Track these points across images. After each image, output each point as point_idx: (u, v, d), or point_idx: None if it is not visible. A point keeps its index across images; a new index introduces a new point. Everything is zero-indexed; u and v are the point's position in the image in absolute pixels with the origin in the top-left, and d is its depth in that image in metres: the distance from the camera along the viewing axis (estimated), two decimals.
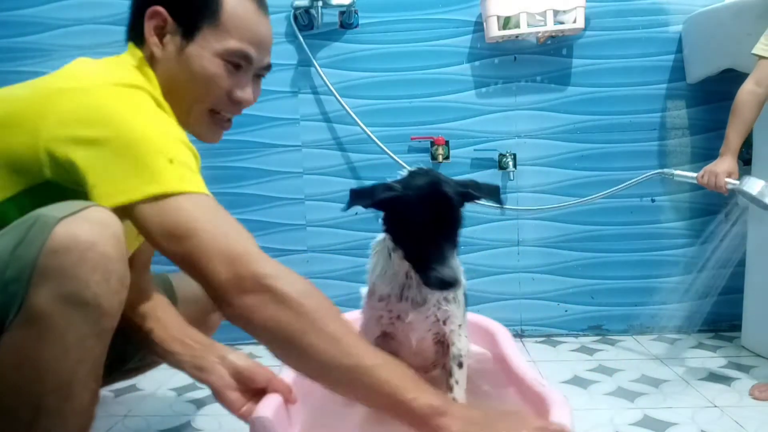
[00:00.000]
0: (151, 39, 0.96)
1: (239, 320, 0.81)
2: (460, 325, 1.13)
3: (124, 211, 0.81)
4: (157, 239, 0.81)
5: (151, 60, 0.98)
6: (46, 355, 0.74)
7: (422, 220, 0.98)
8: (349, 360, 0.79)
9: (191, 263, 0.80)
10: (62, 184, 0.84)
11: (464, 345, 1.13)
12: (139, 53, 0.98)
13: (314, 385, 1.23)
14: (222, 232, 0.82)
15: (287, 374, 1.15)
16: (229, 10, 0.96)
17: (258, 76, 1.06)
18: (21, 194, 0.86)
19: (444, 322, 1.12)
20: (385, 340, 1.16)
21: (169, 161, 0.82)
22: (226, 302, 0.80)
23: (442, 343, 1.14)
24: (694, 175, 1.57)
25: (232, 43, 0.97)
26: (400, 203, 1.00)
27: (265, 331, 0.80)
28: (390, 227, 1.06)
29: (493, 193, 1.08)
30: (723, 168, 1.49)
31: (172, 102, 0.98)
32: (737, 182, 1.47)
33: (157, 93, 0.96)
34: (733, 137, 1.49)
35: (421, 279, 1.01)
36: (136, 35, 0.99)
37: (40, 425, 0.76)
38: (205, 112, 1.01)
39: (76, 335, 0.75)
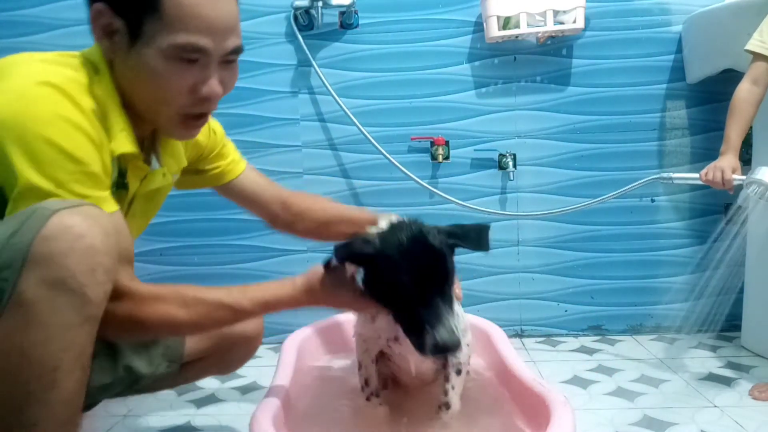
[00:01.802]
0: (102, 41, 0.90)
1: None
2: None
3: None
4: None
5: (111, 62, 0.93)
6: (32, 341, 0.76)
7: (408, 277, 0.88)
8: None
9: None
10: None
11: (465, 353, 1.11)
12: (100, 57, 0.93)
13: (313, 384, 1.24)
14: None
15: (285, 374, 1.15)
16: (171, 2, 0.85)
17: (228, 62, 0.94)
18: None
19: None
20: (383, 362, 1.14)
21: (56, 186, 0.83)
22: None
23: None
24: (696, 175, 1.55)
25: (180, 37, 0.86)
26: (381, 260, 0.91)
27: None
28: (370, 287, 0.95)
29: (480, 237, 0.98)
30: (728, 164, 1.48)
31: (137, 104, 0.94)
32: (743, 178, 1.45)
33: (105, 97, 0.91)
34: (734, 135, 1.49)
35: (413, 345, 0.90)
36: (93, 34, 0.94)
37: (26, 414, 0.77)
38: (173, 115, 0.94)
39: (61, 322, 0.77)
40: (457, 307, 1.10)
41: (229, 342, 1.26)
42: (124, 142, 0.93)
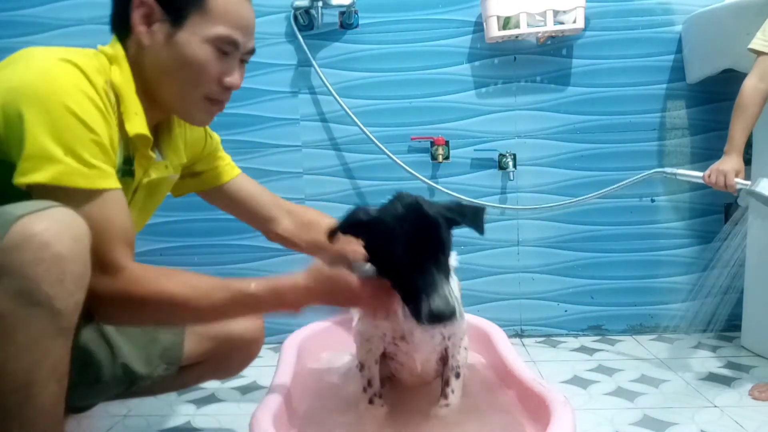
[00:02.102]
0: (140, 28, 0.97)
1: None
2: (461, 338, 1.12)
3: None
4: None
5: (139, 50, 0.99)
6: (1, 355, 0.74)
7: (403, 245, 0.90)
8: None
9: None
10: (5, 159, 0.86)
11: (463, 357, 1.12)
12: (120, 48, 0.99)
13: (313, 384, 1.24)
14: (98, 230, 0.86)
15: (285, 374, 1.15)
16: (215, 0, 0.97)
17: (242, 61, 1.05)
18: None
19: (449, 338, 1.09)
20: (384, 361, 1.14)
21: (65, 152, 0.84)
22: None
23: (444, 359, 1.12)
24: (700, 174, 1.55)
25: (221, 30, 0.97)
26: (378, 228, 0.93)
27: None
28: (372, 256, 0.97)
29: (476, 217, 0.98)
30: (731, 166, 1.47)
31: (164, 89, 1.00)
32: (747, 183, 1.45)
33: (123, 82, 0.96)
34: (738, 135, 1.48)
35: (411, 313, 0.91)
36: (120, 26, 1.00)
37: (3, 429, 0.76)
38: (199, 97, 1.02)
39: (31, 335, 0.75)
40: (461, 321, 1.09)
41: (229, 346, 1.25)
42: (140, 124, 0.97)
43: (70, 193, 0.84)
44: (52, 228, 0.75)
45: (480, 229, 0.98)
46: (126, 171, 1.01)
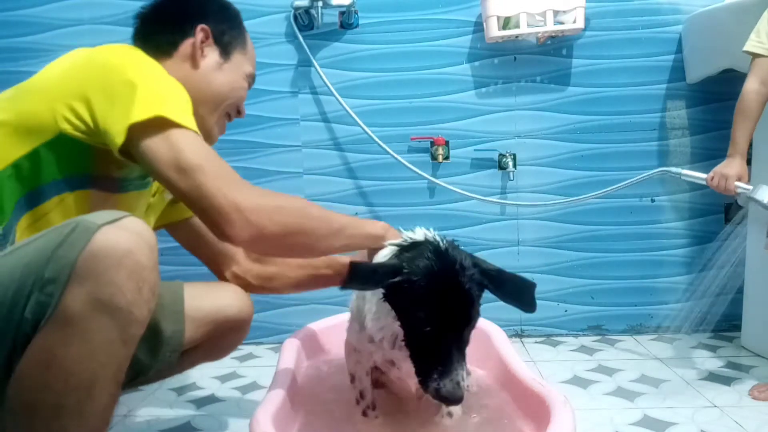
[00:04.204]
0: (197, 51, 1.12)
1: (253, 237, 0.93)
2: None
3: (133, 145, 0.89)
4: (164, 168, 0.89)
5: (186, 70, 1.11)
6: (72, 355, 0.77)
7: (428, 316, 0.82)
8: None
9: (198, 195, 0.90)
10: (73, 136, 0.92)
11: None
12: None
13: (313, 384, 1.24)
14: (221, 169, 0.93)
15: (285, 374, 1.15)
16: (249, 44, 1.20)
17: None
18: (37, 150, 0.93)
19: None
20: (377, 373, 1.13)
21: (167, 97, 0.92)
22: (231, 229, 0.91)
23: None
24: (704, 176, 1.55)
25: (251, 69, 1.21)
26: (406, 289, 0.84)
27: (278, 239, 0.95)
28: (394, 308, 0.89)
29: (521, 294, 0.92)
30: (734, 171, 1.48)
31: (202, 104, 1.11)
32: (749, 188, 1.46)
33: None
34: (741, 138, 1.49)
35: (419, 382, 0.85)
36: (165, 49, 1.10)
37: (56, 423, 0.78)
38: (223, 113, 1.18)
39: (104, 339, 0.78)
40: None
41: (223, 328, 1.28)
42: None
43: (179, 133, 0.90)
44: (132, 237, 0.79)
45: (528, 307, 0.91)
46: (149, 182, 1.13)
